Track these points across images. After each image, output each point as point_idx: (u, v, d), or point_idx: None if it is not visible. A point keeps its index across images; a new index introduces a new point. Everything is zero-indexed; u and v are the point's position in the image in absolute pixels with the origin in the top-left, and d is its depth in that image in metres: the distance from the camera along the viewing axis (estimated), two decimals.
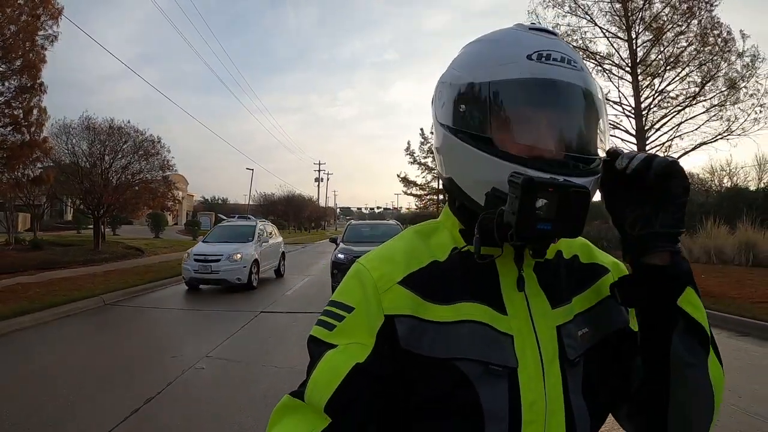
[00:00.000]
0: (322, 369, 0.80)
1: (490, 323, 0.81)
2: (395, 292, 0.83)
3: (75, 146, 18.25)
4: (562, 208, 0.71)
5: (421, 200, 45.92)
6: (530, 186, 0.70)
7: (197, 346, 6.72)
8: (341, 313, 0.84)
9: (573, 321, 0.85)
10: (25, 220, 26.83)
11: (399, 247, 0.90)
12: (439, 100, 0.90)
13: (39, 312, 8.28)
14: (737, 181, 28.42)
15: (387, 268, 0.86)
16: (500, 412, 0.77)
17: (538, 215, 0.71)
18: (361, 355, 0.79)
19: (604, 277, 0.93)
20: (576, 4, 19.80)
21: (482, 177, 0.81)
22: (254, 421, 4.23)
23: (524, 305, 0.83)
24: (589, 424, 0.82)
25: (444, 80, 0.89)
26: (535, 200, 0.70)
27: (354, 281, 0.87)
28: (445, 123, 0.87)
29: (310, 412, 0.79)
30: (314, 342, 0.84)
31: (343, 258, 10.56)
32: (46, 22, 12.72)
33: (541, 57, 0.80)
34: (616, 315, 0.90)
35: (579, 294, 0.89)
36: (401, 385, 0.80)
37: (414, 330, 0.80)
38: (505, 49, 0.83)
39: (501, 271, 0.85)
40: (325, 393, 0.78)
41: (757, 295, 9.18)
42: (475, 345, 0.79)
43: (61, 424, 4.10)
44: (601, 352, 0.86)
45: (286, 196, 60.74)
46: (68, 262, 14.65)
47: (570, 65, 0.81)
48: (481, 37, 0.90)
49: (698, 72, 18.20)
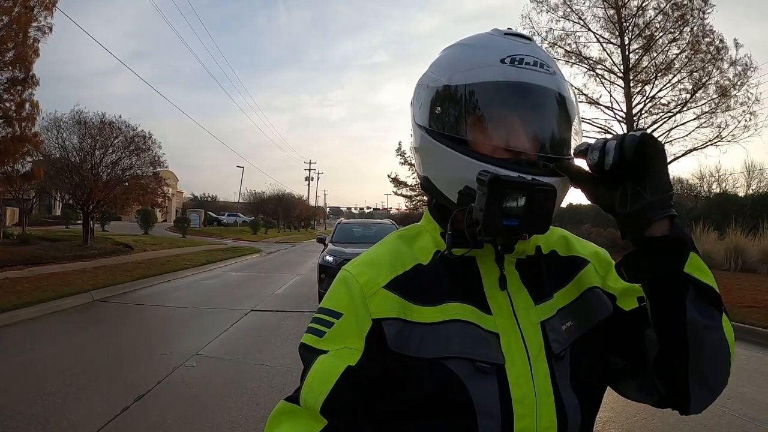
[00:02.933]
0: (316, 372, 0.82)
1: (476, 322, 0.83)
2: (381, 296, 0.85)
3: (65, 140, 18.04)
4: (529, 205, 0.74)
5: (411, 201, 46.02)
6: (496, 183, 0.73)
7: (187, 344, 6.68)
8: (330, 319, 0.86)
9: (556, 315, 0.87)
10: (13, 214, 26.54)
11: (383, 252, 0.93)
12: (417, 101, 0.93)
13: (27, 308, 8.19)
14: (726, 187, 28.77)
15: (372, 273, 0.88)
16: (492, 409, 0.78)
17: (505, 211, 0.73)
18: (352, 358, 0.82)
19: (583, 270, 0.95)
20: (570, 9, 19.94)
21: (456, 175, 0.84)
22: (245, 419, 4.22)
23: (507, 303, 0.86)
24: (580, 415, 0.84)
25: (422, 83, 0.93)
26: (503, 197, 0.73)
27: (341, 287, 0.89)
28: (422, 124, 0.91)
29: (305, 416, 0.82)
30: (305, 349, 0.87)
31: (332, 261, 9.42)
32: (40, 13, 12.60)
33: (515, 61, 0.83)
34: (599, 305, 0.91)
35: (560, 289, 0.91)
36: (393, 387, 0.82)
37: (402, 332, 0.82)
38: (480, 52, 0.86)
39: (483, 270, 0.87)
40: (320, 395, 0.80)
41: (745, 300, 9.28)
42: (463, 344, 0.81)
43: (50, 421, 4.05)
44: (587, 344, 0.88)
45: (276, 195, 60.58)
46: (57, 258, 14.50)
47: (543, 69, 0.84)
48: (459, 41, 0.94)
49: (690, 79, 18.38)
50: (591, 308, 0.91)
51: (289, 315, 8.93)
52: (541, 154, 0.83)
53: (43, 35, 12.77)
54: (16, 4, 11.71)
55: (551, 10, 20.19)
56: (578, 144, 0.83)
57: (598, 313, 0.90)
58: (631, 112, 19.57)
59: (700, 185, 31.81)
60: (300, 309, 9.52)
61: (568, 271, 0.94)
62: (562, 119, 0.87)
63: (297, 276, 15.35)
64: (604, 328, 0.90)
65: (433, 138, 0.87)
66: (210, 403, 4.55)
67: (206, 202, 74.28)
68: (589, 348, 0.88)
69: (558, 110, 0.86)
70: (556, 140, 0.85)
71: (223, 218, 59.22)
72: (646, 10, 18.92)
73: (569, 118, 0.88)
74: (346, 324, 0.84)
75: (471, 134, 0.84)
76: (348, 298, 0.86)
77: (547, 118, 0.85)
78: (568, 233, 1.01)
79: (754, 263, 14.33)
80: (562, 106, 0.86)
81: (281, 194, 61.47)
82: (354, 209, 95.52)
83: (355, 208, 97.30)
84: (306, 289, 12.09)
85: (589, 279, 0.94)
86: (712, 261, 15.22)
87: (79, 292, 9.90)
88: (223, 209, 67.91)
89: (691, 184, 31.69)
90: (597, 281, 0.94)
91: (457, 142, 0.84)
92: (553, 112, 0.85)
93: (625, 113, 19.72)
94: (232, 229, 49.06)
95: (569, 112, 0.87)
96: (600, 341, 0.89)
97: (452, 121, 0.85)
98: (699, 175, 32.01)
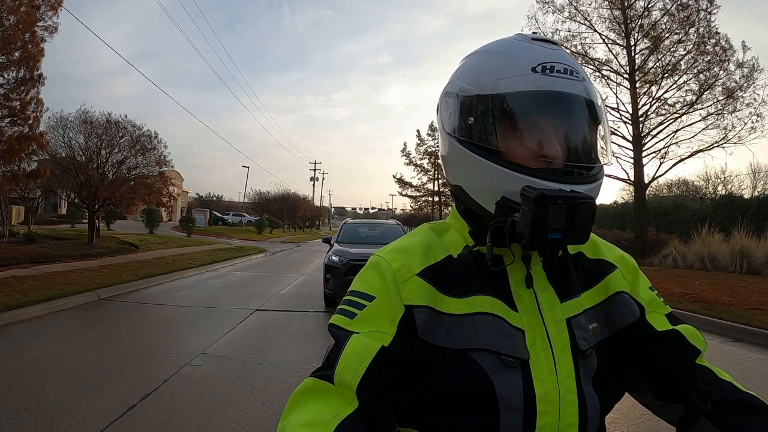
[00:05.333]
0: (353, 349, 0.81)
1: (503, 316, 0.84)
2: (414, 283, 0.86)
3: (71, 140, 18.08)
4: (571, 218, 0.76)
5: (416, 201, 46.03)
6: (542, 200, 0.75)
7: (193, 343, 6.70)
8: (362, 302, 0.86)
9: (583, 314, 0.88)
10: (19, 212, 26.64)
11: (416, 241, 0.93)
12: (446, 110, 0.93)
13: (33, 306, 8.23)
14: (732, 189, 28.65)
15: (405, 260, 0.89)
16: (515, 402, 0.79)
17: (549, 226, 0.76)
18: (384, 341, 0.82)
19: (611, 274, 0.96)
20: (576, 10, 19.93)
21: (490, 185, 0.85)
22: (251, 417, 4.22)
23: (533, 301, 0.86)
24: (599, 413, 0.85)
25: (450, 91, 0.93)
26: (548, 213, 0.75)
27: (373, 272, 0.89)
28: (452, 133, 0.91)
29: (333, 395, 0.80)
30: (336, 328, 0.86)
31: (338, 261, 9.36)
32: (46, 12, 12.63)
33: (546, 69, 0.84)
34: (626, 310, 0.92)
35: (588, 290, 0.92)
36: (420, 375, 0.83)
37: (430, 321, 0.83)
38: (509, 61, 0.86)
39: (510, 269, 0.88)
40: (358, 371, 0.79)
41: (749, 302, 9.24)
42: (489, 336, 0.82)
43: (57, 419, 4.07)
44: (612, 346, 0.89)
45: (281, 195, 60.57)
46: (62, 256, 14.57)
47: (573, 76, 0.85)
48: (484, 48, 0.94)
49: (696, 80, 18.34)
50: (618, 312, 0.92)
51: (295, 315, 8.94)
52: (576, 164, 0.85)
53: (50, 35, 12.82)
54: (22, 4, 11.74)
55: (557, 11, 20.20)
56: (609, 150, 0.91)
57: (625, 317, 0.92)
58: (637, 113, 19.53)
59: (705, 187, 31.75)
60: (305, 309, 9.53)
61: (596, 274, 0.95)
62: (594, 126, 0.88)
63: (302, 276, 15.36)
64: (628, 334, 0.91)
65: (465, 147, 0.88)
66: (216, 402, 4.56)
67: (211, 202, 74.40)
68: (613, 350, 0.90)
69: (589, 117, 0.87)
70: (589, 148, 0.87)
71: (228, 218, 59.27)
72: (651, 11, 18.89)
73: (599, 123, 0.89)
74: (378, 307, 0.85)
75: (505, 144, 0.84)
76: (381, 282, 0.87)
77: (580, 126, 0.86)
78: (595, 236, 1.02)
79: (759, 265, 14.25)
80: (593, 113, 0.87)
81: (286, 194, 61.46)
82: (359, 209, 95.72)
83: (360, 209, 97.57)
84: (311, 289, 12.11)
85: (617, 283, 0.95)
86: (718, 263, 15.17)
87: (85, 290, 9.93)
88: (228, 209, 67.92)
89: (696, 185, 31.61)
90: (625, 286, 0.96)
91: (490, 152, 0.85)
92: (585, 119, 0.87)
93: (631, 114, 19.68)
94: (237, 228, 49.10)
95: (599, 118, 0.88)
96: (623, 345, 0.91)
97: (486, 131, 0.86)
98: (705, 176, 31.95)
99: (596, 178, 0.86)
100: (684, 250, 16.88)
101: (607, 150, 0.89)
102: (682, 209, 24.01)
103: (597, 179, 0.86)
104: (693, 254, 16.25)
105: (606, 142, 0.90)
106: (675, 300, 9.70)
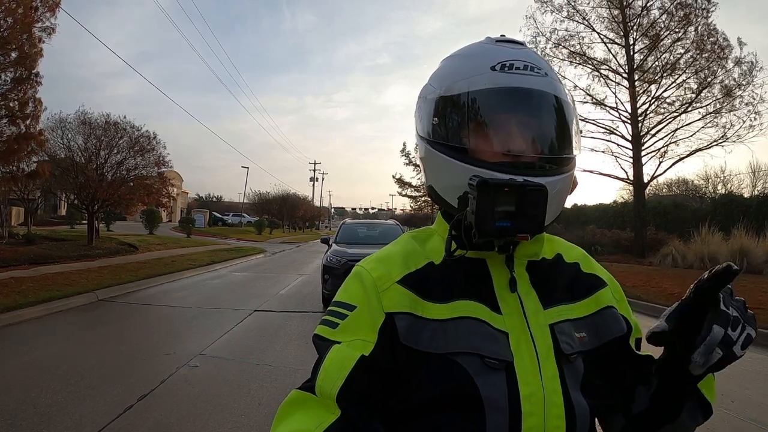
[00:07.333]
0: (332, 360, 0.83)
1: (486, 320, 0.84)
2: (394, 291, 0.87)
3: (70, 141, 18.08)
4: (520, 206, 0.77)
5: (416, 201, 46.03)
6: (484, 186, 0.76)
7: (191, 344, 6.70)
8: (344, 311, 0.88)
9: (567, 322, 0.89)
10: (18, 213, 26.65)
11: (396, 250, 0.95)
12: (418, 113, 0.97)
13: (32, 307, 8.23)
14: (731, 188, 28.66)
15: (385, 269, 0.90)
16: (500, 403, 0.79)
17: (498, 213, 0.77)
18: (365, 349, 0.82)
19: (602, 290, 0.97)
20: (574, 10, 19.93)
21: (455, 182, 0.87)
22: (248, 419, 4.22)
23: (518, 304, 0.87)
24: (588, 419, 0.85)
25: (422, 95, 0.97)
26: (494, 200, 0.76)
27: (355, 282, 0.91)
28: (423, 135, 0.95)
29: (318, 406, 0.81)
30: (320, 339, 0.88)
31: (336, 261, 9.34)
32: (44, 14, 12.63)
33: (504, 67, 0.86)
34: (615, 324, 0.94)
35: (580, 300, 0.93)
36: (404, 381, 0.83)
37: (412, 327, 0.84)
38: (472, 62, 0.90)
39: (493, 272, 0.89)
40: (337, 381, 0.80)
41: (750, 302, 8.90)
42: (472, 340, 0.82)
43: (54, 419, 4.06)
44: (602, 356, 0.91)
45: (281, 195, 60.57)
46: (62, 257, 14.55)
47: (533, 72, 0.87)
48: (454, 52, 0.97)
49: (695, 79, 18.34)
50: (608, 325, 0.93)
51: (293, 315, 8.95)
52: (535, 156, 0.86)
53: (48, 36, 12.81)
54: (20, 5, 11.74)
55: (555, 11, 20.23)
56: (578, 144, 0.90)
57: (614, 330, 0.93)
58: (636, 112, 19.54)
59: (705, 186, 31.76)
60: (304, 309, 9.54)
61: (590, 287, 0.97)
62: (556, 119, 0.89)
63: (301, 276, 15.36)
64: (618, 349, 0.94)
65: (434, 148, 0.91)
66: (213, 403, 4.56)
67: (211, 203, 74.41)
68: (603, 360, 0.91)
69: (551, 111, 0.88)
70: (551, 140, 0.88)
71: (227, 218, 59.27)
72: (650, 10, 18.89)
73: (564, 117, 0.90)
74: (359, 316, 0.86)
75: (468, 142, 0.87)
76: (362, 291, 0.88)
77: (541, 119, 0.88)
78: (588, 255, 1.04)
79: (759, 265, 14.25)
80: (555, 107, 0.89)
81: (286, 194, 61.48)
82: (359, 210, 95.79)
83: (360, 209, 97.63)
84: (310, 290, 12.11)
85: (607, 298, 0.97)
86: (718, 262, 15.07)
87: (84, 291, 9.93)
88: (228, 209, 67.93)
89: (696, 185, 31.62)
90: (614, 303, 0.97)
91: (456, 150, 0.87)
92: (546, 113, 0.88)
93: (630, 113, 19.68)
94: (237, 229, 49.11)
95: (564, 112, 0.90)
96: (613, 356, 0.93)
97: (450, 131, 0.89)
98: (704, 175, 31.94)
99: (560, 172, 0.87)
100: (684, 250, 16.88)
101: (573, 142, 0.90)
102: (681, 208, 24.00)
103: (561, 172, 0.87)
104: (693, 254, 16.25)
105: (574, 134, 0.91)
106: (675, 300, 9.62)
